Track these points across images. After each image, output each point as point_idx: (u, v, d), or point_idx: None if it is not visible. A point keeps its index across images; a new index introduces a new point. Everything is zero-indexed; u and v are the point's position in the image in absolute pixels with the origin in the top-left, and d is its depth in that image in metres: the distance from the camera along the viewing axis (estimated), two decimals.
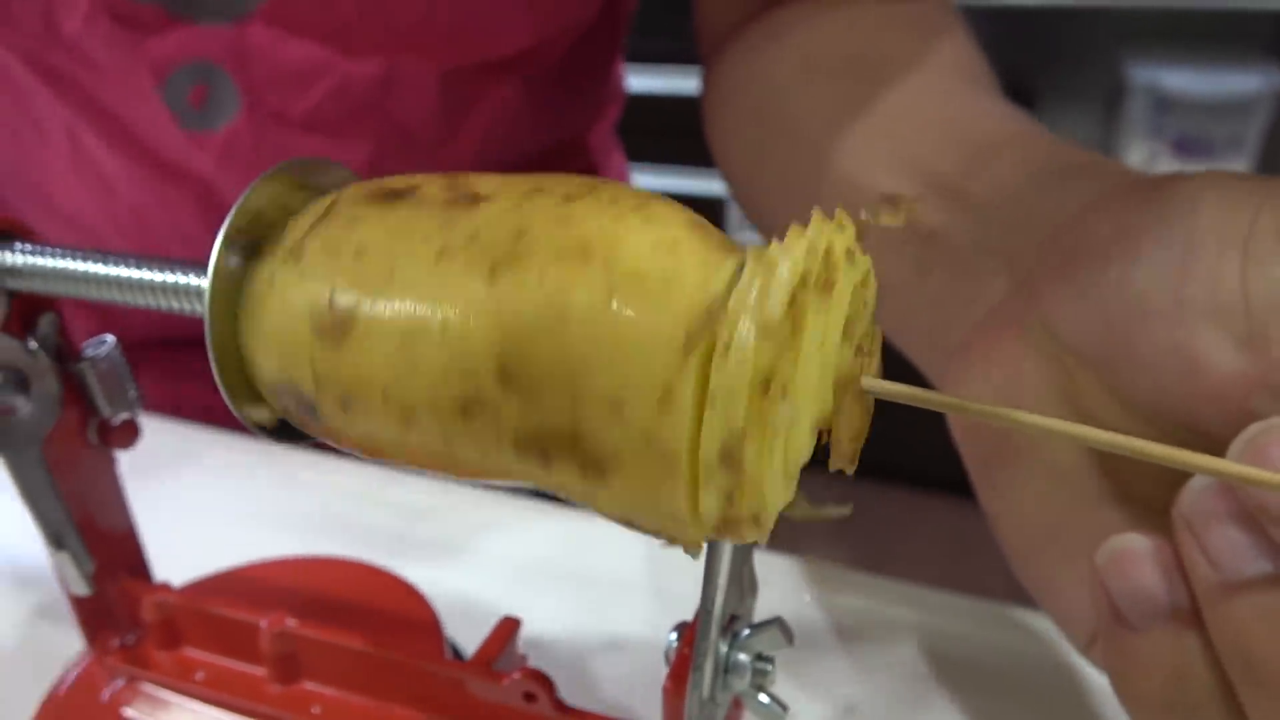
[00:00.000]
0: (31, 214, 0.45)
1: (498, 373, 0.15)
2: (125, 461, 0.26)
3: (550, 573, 0.34)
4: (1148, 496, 0.19)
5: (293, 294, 0.17)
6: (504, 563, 0.34)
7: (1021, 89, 1.73)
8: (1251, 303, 0.16)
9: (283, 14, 0.37)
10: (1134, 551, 0.16)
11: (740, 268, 0.14)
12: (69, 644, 0.28)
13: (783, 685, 0.21)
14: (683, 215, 0.15)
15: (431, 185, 0.17)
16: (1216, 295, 0.17)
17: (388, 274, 0.16)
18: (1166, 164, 1.52)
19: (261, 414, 0.19)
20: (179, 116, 0.38)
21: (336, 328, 0.16)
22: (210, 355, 0.18)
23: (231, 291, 0.18)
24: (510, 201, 0.16)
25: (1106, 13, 1.57)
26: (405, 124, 0.41)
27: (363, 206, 0.17)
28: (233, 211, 0.17)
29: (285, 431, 0.19)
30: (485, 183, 0.17)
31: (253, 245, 0.18)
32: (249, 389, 0.18)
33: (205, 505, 0.38)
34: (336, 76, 0.38)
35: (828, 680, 0.29)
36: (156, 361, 0.48)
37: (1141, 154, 1.55)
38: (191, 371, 0.49)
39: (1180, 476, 0.16)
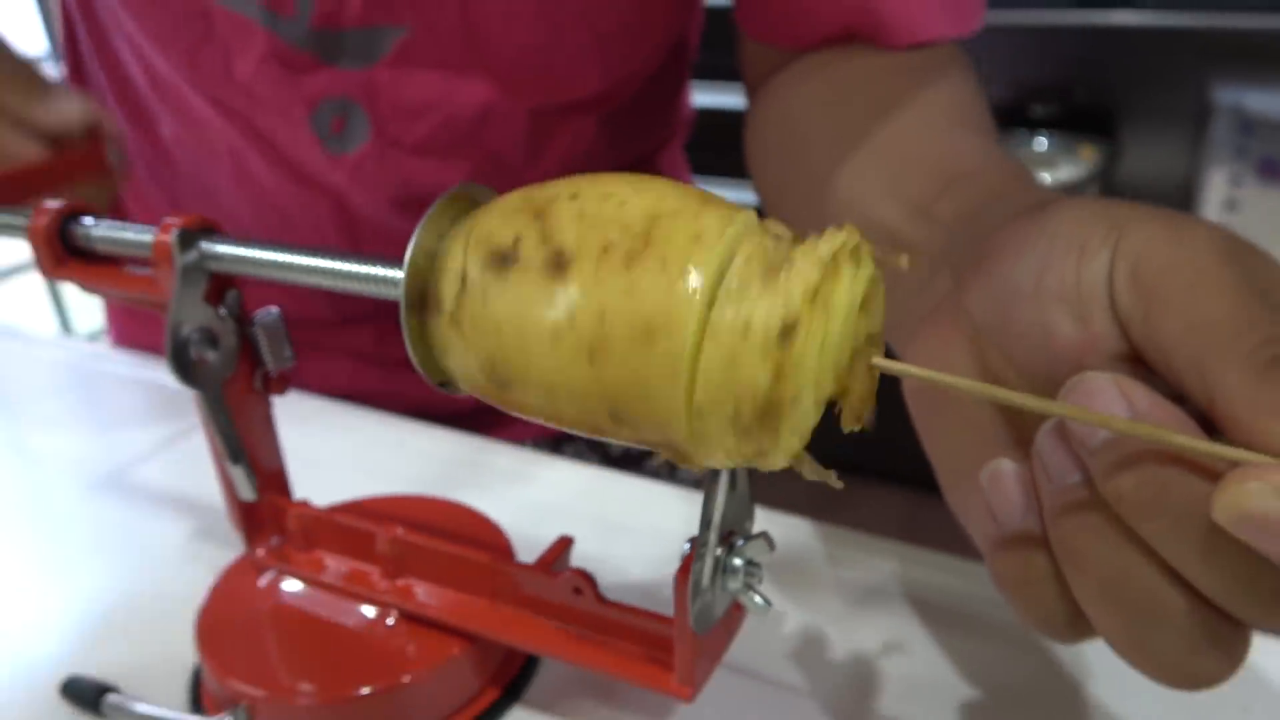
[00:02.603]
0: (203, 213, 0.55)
1: (609, 415, 0.21)
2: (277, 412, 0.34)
3: (604, 522, 0.41)
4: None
5: (467, 357, 0.23)
6: (563, 513, 0.42)
7: (1105, 110, 1.74)
8: (1081, 289, 0.22)
9: (403, 61, 0.45)
10: (1004, 471, 0.22)
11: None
12: (222, 555, 0.36)
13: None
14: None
15: (528, 243, 0.22)
16: (1061, 284, 0.22)
17: (524, 352, 0.22)
18: (1251, 186, 1.51)
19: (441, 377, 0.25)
20: (322, 141, 0.47)
21: (501, 384, 0.23)
22: (408, 344, 0.24)
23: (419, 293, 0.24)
24: (589, 271, 0.21)
25: (1192, 34, 1.57)
26: (498, 151, 0.49)
27: (484, 274, 0.22)
28: (411, 246, 0.23)
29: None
30: (565, 231, 0.21)
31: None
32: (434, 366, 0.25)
33: (330, 462, 0.47)
34: (443, 112, 0.47)
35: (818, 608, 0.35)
36: (305, 337, 0.57)
37: (1225, 176, 1.54)
38: (333, 347, 0.58)
39: None
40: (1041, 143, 1.73)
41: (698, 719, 0.31)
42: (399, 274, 0.24)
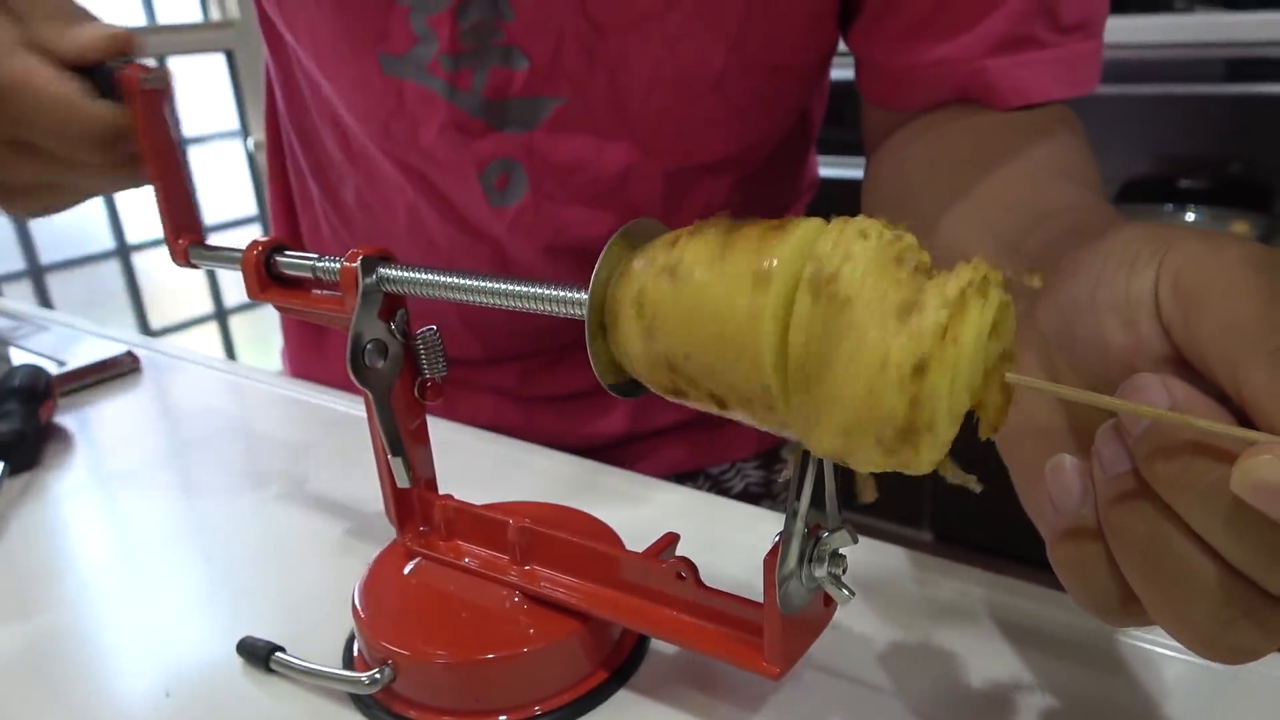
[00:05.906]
0: None
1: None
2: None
3: (705, 536, 0.44)
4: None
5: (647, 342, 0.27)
6: (666, 527, 0.45)
7: (1262, 184, 1.67)
8: (1130, 299, 0.24)
9: (559, 126, 0.51)
10: (1064, 462, 0.25)
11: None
12: (368, 549, 0.42)
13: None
14: None
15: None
16: (1113, 296, 0.25)
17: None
18: None
19: (610, 379, 0.29)
20: (488, 196, 0.54)
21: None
22: (589, 349, 0.28)
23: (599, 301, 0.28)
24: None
25: None
26: (638, 205, 0.55)
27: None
28: (595, 274, 0.28)
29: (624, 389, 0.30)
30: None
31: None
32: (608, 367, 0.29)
33: (465, 476, 0.52)
34: (592, 170, 0.53)
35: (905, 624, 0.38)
36: (457, 375, 0.64)
37: None
38: (481, 385, 0.64)
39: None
40: (1190, 217, 1.67)
41: (787, 712, 0.34)
42: (583, 295, 0.29)
